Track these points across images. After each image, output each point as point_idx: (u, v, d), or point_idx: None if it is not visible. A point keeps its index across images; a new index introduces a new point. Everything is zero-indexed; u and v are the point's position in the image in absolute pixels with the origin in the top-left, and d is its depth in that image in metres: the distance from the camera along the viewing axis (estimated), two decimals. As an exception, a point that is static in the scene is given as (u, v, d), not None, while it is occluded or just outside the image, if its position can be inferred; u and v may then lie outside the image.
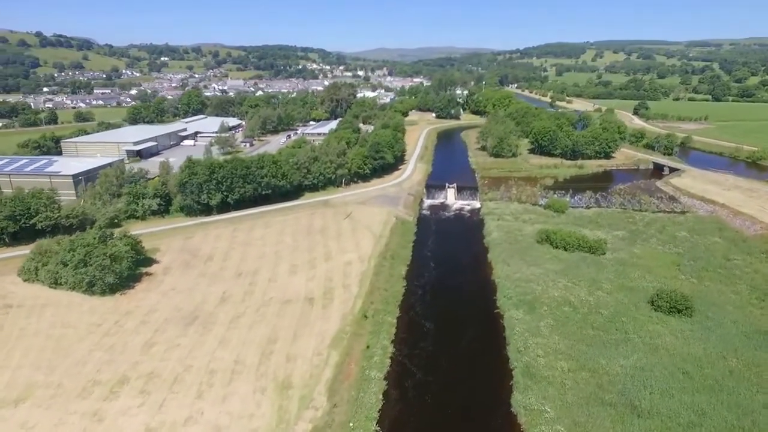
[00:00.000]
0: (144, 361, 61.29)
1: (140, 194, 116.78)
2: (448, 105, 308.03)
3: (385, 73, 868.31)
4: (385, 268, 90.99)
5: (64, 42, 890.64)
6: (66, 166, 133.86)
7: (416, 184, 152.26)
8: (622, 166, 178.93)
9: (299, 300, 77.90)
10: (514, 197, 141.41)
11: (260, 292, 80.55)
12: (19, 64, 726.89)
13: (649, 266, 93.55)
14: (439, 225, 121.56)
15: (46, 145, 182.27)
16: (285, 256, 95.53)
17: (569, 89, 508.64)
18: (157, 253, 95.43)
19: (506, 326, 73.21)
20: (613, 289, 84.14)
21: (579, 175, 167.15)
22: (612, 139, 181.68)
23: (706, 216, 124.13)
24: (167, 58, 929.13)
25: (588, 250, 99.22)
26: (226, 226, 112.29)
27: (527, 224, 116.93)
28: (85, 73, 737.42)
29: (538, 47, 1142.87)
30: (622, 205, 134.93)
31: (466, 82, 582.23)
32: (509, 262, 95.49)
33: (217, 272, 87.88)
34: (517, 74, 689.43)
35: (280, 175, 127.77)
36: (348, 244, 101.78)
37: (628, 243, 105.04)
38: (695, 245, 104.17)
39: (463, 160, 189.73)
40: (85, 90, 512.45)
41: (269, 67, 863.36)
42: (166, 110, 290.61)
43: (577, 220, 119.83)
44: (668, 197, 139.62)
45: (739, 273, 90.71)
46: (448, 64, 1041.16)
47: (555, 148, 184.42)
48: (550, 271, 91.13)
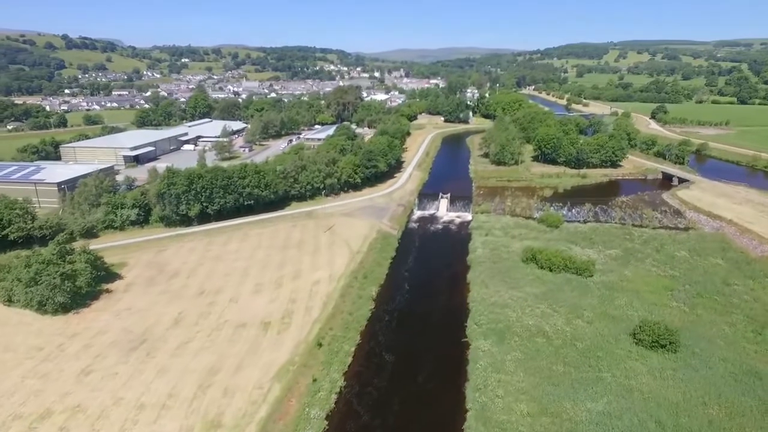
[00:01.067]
0: (75, 392, 58.23)
1: (119, 204, 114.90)
2: (456, 109, 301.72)
3: (402, 75, 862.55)
4: (354, 289, 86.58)
5: (88, 44, 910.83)
6: (52, 174, 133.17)
7: (408, 194, 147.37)
8: (628, 176, 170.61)
9: (255, 324, 74.11)
10: (507, 209, 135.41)
11: (217, 313, 77.06)
12: (45, 66, 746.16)
13: (638, 291, 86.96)
14: (424, 240, 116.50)
15: (45, 150, 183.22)
16: (253, 273, 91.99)
17: (587, 91, 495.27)
18: (123, 268, 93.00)
19: (470, 359, 68.05)
20: (594, 317, 78.04)
21: (581, 185, 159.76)
22: (619, 147, 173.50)
23: (711, 233, 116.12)
24: (188, 59, 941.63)
25: (575, 272, 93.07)
26: (202, 238, 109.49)
27: (516, 240, 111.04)
28: (108, 75, 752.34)
29: (559, 48, 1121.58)
30: (622, 219, 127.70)
31: (482, 84, 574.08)
32: (489, 283, 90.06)
33: (180, 290, 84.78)
34: (535, 76, 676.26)
35: (263, 185, 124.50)
36: (321, 261, 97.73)
37: (621, 263, 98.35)
38: (693, 267, 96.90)
39: (464, 168, 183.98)
40: (104, 92, 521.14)
41: (287, 68, 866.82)
42: (174, 113, 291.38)
43: (571, 237, 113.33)
44: (673, 211, 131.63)
45: (737, 301, 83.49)
46: (467, 65, 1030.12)
47: (559, 156, 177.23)
48: (530, 295, 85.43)
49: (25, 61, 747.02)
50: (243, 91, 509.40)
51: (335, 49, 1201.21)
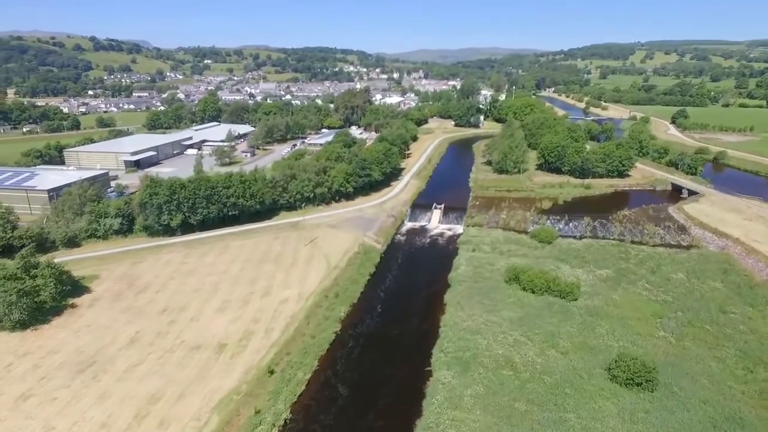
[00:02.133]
0: (7, 419, 56.61)
1: (102, 213, 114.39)
2: (467, 112, 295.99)
3: (421, 76, 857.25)
4: (322, 309, 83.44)
5: (115, 46, 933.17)
6: (44, 181, 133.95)
7: (401, 204, 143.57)
8: (636, 187, 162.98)
9: (210, 346, 71.64)
10: (501, 222, 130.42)
11: (175, 333, 74.88)
12: (73, 67, 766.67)
13: (624, 318, 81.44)
14: (408, 255, 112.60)
15: (49, 154, 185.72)
16: (224, 288, 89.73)
17: (607, 94, 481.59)
18: (95, 281, 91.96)
19: (429, 392, 64.12)
20: (570, 347, 73.08)
21: (584, 197, 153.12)
22: (626, 156, 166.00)
23: (715, 253, 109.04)
24: (210, 60, 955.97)
25: (558, 295, 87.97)
26: (182, 249, 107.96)
27: (503, 257, 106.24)
28: (132, 76, 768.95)
29: (583, 48, 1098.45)
30: (621, 235, 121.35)
31: (500, 86, 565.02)
32: (465, 305, 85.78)
33: (144, 306, 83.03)
34: (555, 77, 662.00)
35: (248, 195, 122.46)
36: (295, 277, 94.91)
37: (610, 286, 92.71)
38: (689, 292, 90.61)
39: (465, 176, 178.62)
40: (125, 93, 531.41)
41: (306, 69, 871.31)
42: (184, 116, 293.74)
43: (562, 254, 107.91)
44: (677, 227, 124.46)
45: (730, 332, 77.25)
46: (488, 66, 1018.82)
47: (563, 165, 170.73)
48: (506, 319, 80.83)
49: (54, 63, 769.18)
50: (259, 93, 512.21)
51: (356, 50, 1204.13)
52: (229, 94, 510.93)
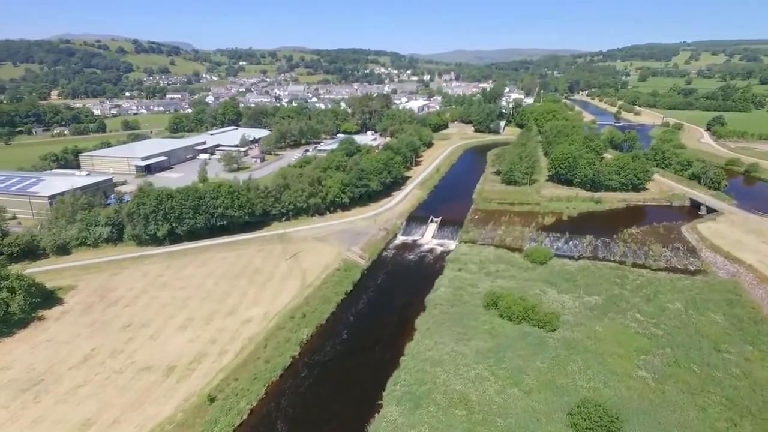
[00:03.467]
0: (-62, 440, 56.74)
1: (93, 221, 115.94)
2: (486, 118, 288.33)
3: (452, 78, 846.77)
4: (284, 331, 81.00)
5: (155, 48, 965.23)
6: (47, 186, 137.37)
7: (397, 217, 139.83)
8: (651, 202, 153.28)
9: (160, 368, 70.34)
10: (497, 239, 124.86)
11: (129, 352, 74.05)
12: (115, 69, 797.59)
13: (604, 353, 75.33)
14: (391, 272, 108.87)
15: (66, 158, 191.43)
16: (192, 305, 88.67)
17: (642, 98, 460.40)
18: (70, 292, 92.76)
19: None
20: (535, 386, 67.86)
21: (592, 212, 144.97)
22: (642, 169, 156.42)
23: (722, 281, 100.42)
24: (245, 62, 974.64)
25: (536, 324, 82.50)
26: (163, 260, 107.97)
27: (488, 279, 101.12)
28: (170, 78, 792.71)
29: (624, 49, 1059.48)
30: (623, 256, 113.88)
31: (531, 89, 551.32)
32: (435, 332, 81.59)
33: (109, 321, 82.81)
34: (590, 80, 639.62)
35: (236, 206, 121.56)
36: (267, 294, 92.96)
37: (596, 315, 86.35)
38: (684, 325, 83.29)
39: (472, 187, 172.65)
40: (159, 95, 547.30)
41: (338, 71, 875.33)
42: (205, 120, 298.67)
43: (553, 277, 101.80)
44: (686, 249, 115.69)
45: (720, 375, 70.11)
46: (523, 67, 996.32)
47: (574, 177, 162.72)
48: (474, 350, 76.17)
49: (98, 65, 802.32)
50: (285, 96, 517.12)
51: (389, 51, 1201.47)
52: (257, 97, 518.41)
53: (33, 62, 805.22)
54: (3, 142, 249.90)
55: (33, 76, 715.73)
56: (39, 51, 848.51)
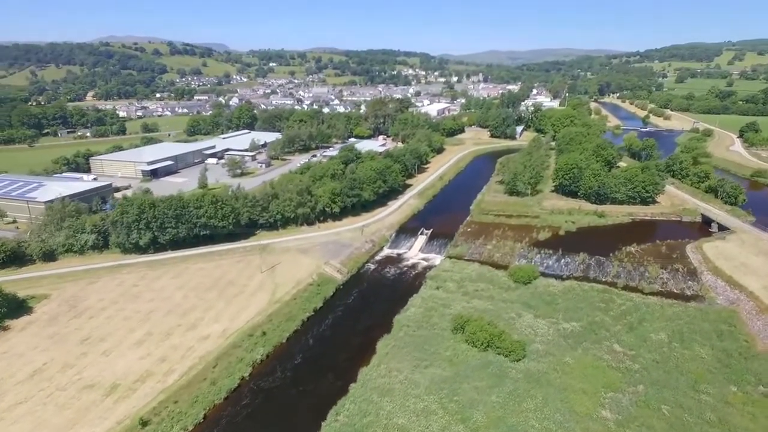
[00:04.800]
0: None
1: (79, 229, 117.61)
2: (503, 123, 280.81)
3: (480, 79, 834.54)
4: (239, 350, 79.27)
5: (189, 50, 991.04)
6: (46, 192, 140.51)
7: (386, 228, 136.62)
8: (659, 217, 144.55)
9: (103, 386, 69.65)
10: (486, 254, 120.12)
11: (79, 368, 73.79)
12: (150, 71, 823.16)
13: (567, 388, 70.28)
14: (367, 289, 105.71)
15: (77, 162, 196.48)
16: (155, 318, 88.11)
17: (675, 102, 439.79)
18: (42, 301, 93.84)
19: (298, 466, 57.92)
20: (483, 424, 63.65)
21: (593, 226, 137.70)
22: (651, 181, 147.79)
23: (719, 309, 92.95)
24: (275, 63, 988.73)
25: (501, 352, 77.95)
26: (141, 270, 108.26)
27: (464, 299, 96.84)
28: (202, 79, 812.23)
29: (663, 49, 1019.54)
30: (615, 277, 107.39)
31: (558, 91, 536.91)
32: (394, 357, 78.25)
33: (69, 334, 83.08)
34: (622, 81, 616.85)
35: (220, 216, 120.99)
36: (233, 309, 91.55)
37: (570, 344, 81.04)
38: (665, 359, 77.12)
39: (473, 196, 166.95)
40: (187, 97, 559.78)
41: (365, 72, 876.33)
42: (221, 123, 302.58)
43: (533, 299, 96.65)
44: (686, 271, 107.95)
45: (692, 420, 64.18)
46: (555, 68, 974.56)
47: (579, 189, 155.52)
48: (429, 379, 72.45)
49: (135, 67, 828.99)
50: (308, 98, 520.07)
51: (419, 52, 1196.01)
52: (281, 99, 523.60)
53: (74, 64, 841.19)
54: (27, 144, 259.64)
55: (73, 77, 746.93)
56: (81, 53, 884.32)
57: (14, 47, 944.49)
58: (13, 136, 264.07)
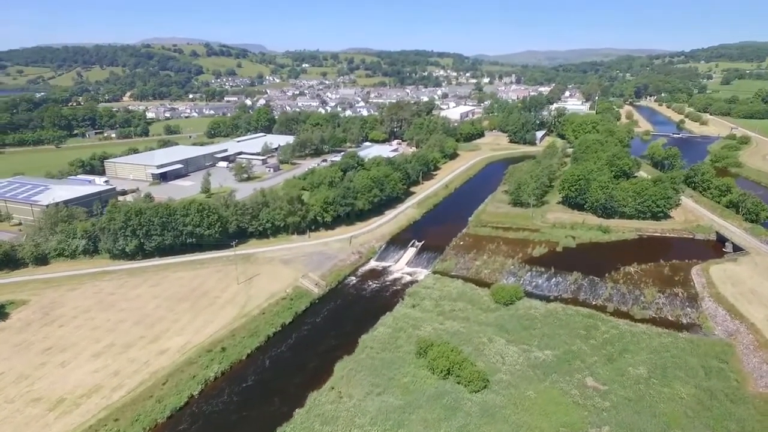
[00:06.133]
0: None
1: (71, 233, 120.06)
2: (522, 128, 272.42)
3: (512, 81, 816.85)
4: (194, 367, 78.11)
5: (225, 51, 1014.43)
6: (49, 195, 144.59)
7: (377, 239, 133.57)
8: (670, 233, 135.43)
9: (50, 400, 69.72)
10: (473, 270, 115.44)
11: (33, 379, 74.33)
12: (187, 71, 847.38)
13: (522, 427, 65.50)
14: (342, 304, 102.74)
15: (91, 164, 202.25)
16: (121, 329, 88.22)
17: (715, 105, 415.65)
18: (20, 307, 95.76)
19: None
20: (421, 462, 59.90)
21: (595, 242, 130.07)
22: (662, 195, 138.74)
23: (713, 341, 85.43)
24: (308, 64, 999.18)
25: (461, 382, 73.74)
26: (121, 277, 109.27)
27: (438, 319, 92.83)
28: (236, 80, 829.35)
29: (710, 49, 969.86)
30: (607, 300, 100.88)
31: (591, 94, 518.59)
32: (349, 382, 75.29)
33: (35, 342, 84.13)
34: (660, 84, 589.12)
35: (206, 224, 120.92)
36: (199, 321, 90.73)
37: (538, 376, 75.88)
38: (639, 398, 71.04)
39: (476, 206, 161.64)
40: (218, 98, 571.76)
41: (396, 73, 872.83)
42: (240, 125, 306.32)
43: (511, 322, 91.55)
44: (686, 296, 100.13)
45: (653, 472, 58.33)
46: (592, 69, 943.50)
47: (585, 202, 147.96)
48: (379, 407, 69.12)
49: (172, 68, 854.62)
50: (334, 100, 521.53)
51: (452, 53, 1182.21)
52: (308, 100, 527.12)
53: (117, 65, 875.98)
54: (54, 145, 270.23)
55: (115, 78, 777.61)
56: (123, 55, 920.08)
57: (64, 49, 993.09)
58: (42, 137, 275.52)
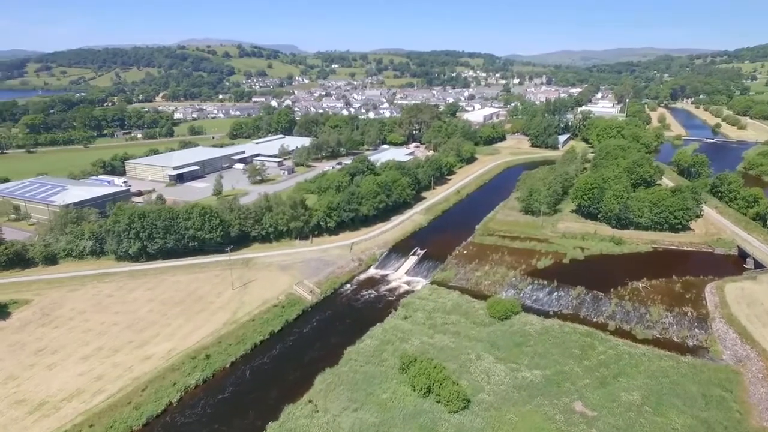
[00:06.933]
0: None
1: (79, 235, 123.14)
2: (544, 132, 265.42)
3: (543, 82, 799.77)
4: (175, 374, 78.27)
5: (256, 52, 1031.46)
6: (65, 196, 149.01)
7: (379, 246, 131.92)
8: (687, 247, 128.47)
9: (32, 402, 71.01)
10: (473, 281, 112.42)
11: (21, 381, 75.96)
12: (219, 72, 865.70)
13: (499, 452, 62.67)
14: (333, 314, 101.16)
15: (112, 165, 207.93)
16: (112, 332, 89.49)
17: (757, 108, 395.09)
18: (22, 307, 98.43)
19: None
20: (386, 485, 57.96)
21: (606, 255, 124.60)
22: (680, 206, 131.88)
23: (718, 367, 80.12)
24: (337, 65, 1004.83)
25: (440, 401, 71.29)
26: (121, 279, 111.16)
27: (429, 332, 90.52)
28: (266, 80, 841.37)
29: (756, 48, 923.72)
30: (609, 317, 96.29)
31: (623, 96, 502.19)
32: (327, 396, 73.97)
33: (29, 343, 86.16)
34: (699, 85, 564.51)
35: (208, 228, 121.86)
36: (188, 327, 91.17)
37: (522, 398, 72.64)
38: (628, 427, 67.07)
39: (486, 214, 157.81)
40: (246, 98, 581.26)
41: (424, 74, 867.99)
42: (262, 127, 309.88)
43: (504, 338, 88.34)
44: (695, 316, 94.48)
45: None
46: (628, 70, 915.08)
47: (599, 211, 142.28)
48: (352, 424, 67.54)
49: (205, 69, 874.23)
50: (358, 101, 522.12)
51: (483, 53, 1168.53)
52: (333, 102, 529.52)
53: (153, 66, 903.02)
54: (83, 145, 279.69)
55: (151, 79, 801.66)
56: (159, 56, 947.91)
57: (104, 51, 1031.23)
58: (72, 137, 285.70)
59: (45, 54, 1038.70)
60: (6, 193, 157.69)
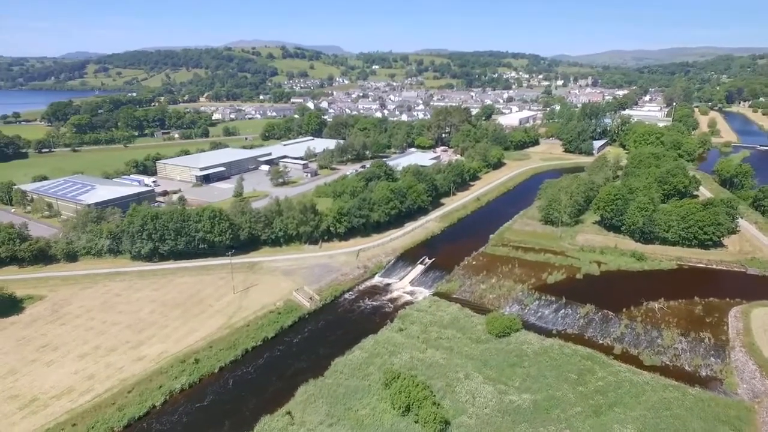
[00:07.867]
0: None
1: (98, 233, 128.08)
2: (577, 137, 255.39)
3: (588, 83, 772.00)
4: (162, 377, 79.53)
5: (299, 53, 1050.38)
6: (93, 195, 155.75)
7: (387, 253, 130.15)
8: (717, 265, 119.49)
9: (24, 399, 73.75)
10: (478, 293, 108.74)
11: (19, 376, 79.20)
12: (262, 73, 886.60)
13: (470, 481, 59.75)
14: (329, 322, 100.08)
15: (145, 165, 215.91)
16: (112, 332, 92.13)
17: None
18: (36, 302, 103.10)
19: None
20: None
21: (625, 271, 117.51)
22: (711, 221, 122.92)
23: (729, 403, 73.51)
24: (377, 66, 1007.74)
25: (418, 421, 68.93)
26: (132, 279, 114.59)
27: (421, 347, 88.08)
28: (307, 81, 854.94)
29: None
30: (617, 340, 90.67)
31: (672, 98, 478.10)
32: (305, 409, 73.11)
33: (34, 339, 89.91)
34: (757, 87, 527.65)
35: (217, 231, 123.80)
36: (184, 329, 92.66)
37: (506, 424, 69.16)
38: (615, 462, 62.41)
39: (503, 223, 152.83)
40: (285, 99, 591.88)
41: (465, 75, 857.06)
42: (293, 129, 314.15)
43: (497, 357, 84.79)
44: (713, 343, 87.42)
45: None
46: (681, 71, 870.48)
47: (622, 224, 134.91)
48: (324, 441, 66.26)
49: (250, 70, 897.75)
50: (393, 103, 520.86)
51: (528, 54, 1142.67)
52: (369, 103, 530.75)
53: (201, 68, 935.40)
54: (123, 144, 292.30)
55: (197, 79, 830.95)
56: (207, 57, 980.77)
57: (156, 53, 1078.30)
58: (114, 136, 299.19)
59: (104, 56, 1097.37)
60: (41, 191, 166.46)
